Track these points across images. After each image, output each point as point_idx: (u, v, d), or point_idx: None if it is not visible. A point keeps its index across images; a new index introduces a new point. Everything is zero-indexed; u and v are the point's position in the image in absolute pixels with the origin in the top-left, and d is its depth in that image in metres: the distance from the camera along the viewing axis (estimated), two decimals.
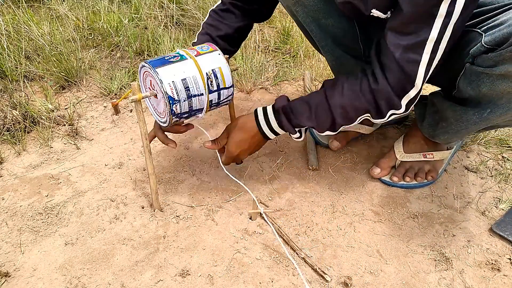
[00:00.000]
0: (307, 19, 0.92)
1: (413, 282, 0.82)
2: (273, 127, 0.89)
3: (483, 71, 0.74)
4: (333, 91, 0.83)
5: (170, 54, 0.83)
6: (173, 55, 0.82)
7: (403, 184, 1.02)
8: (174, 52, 0.84)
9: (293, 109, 0.86)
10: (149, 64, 0.79)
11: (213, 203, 0.97)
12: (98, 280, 0.80)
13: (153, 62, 0.80)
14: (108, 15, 1.63)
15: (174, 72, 0.78)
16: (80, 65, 1.38)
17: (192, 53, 0.82)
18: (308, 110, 0.85)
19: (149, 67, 0.79)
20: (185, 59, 0.81)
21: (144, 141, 0.85)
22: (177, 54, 0.82)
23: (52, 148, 1.12)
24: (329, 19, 0.90)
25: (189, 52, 0.83)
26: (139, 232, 0.90)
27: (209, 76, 0.81)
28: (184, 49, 0.85)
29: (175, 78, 0.78)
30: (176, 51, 0.84)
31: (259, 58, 1.44)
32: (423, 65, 0.73)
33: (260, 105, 1.29)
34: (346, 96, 0.81)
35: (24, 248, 0.86)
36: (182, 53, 0.83)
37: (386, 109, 0.80)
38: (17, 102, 1.20)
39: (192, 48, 0.85)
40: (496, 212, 0.96)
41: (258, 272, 0.82)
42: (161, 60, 0.80)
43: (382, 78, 0.77)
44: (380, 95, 0.78)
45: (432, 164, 1.03)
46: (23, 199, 0.97)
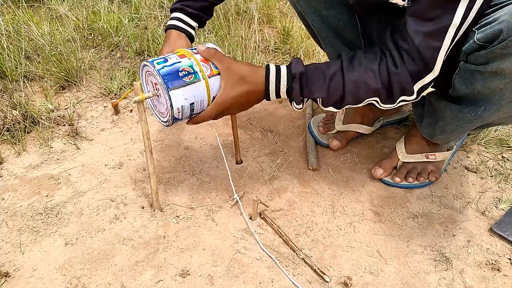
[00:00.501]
0: (308, 9, 0.92)
1: (413, 282, 0.82)
2: (280, 91, 0.83)
3: (476, 68, 0.75)
4: (351, 65, 0.79)
5: (183, 64, 0.79)
6: (187, 70, 0.79)
7: (403, 184, 1.02)
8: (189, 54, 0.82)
9: (308, 78, 0.81)
10: (160, 75, 0.77)
11: (213, 203, 0.97)
12: (98, 280, 0.80)
13: (165, 74, 0.77)
14: (108, 15, 1.63)
15: (186, 95, 0.78)
16: (80, 65, 1.38)
17: (206, 72, 0.81)
18: (323, 80, 0.80)
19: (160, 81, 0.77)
20: (198, 80, 0.79)
21: (146, 141, 0.85)
22: (191, 69, 0.79)
23: (52, 148, 1.12)
24: (331, 10, 0.90)
25: (203, 69, 0.80)
26: (139, 232, 0.90)
27: (215, 96, 0.83)
28: (199, 59, 0.81)
29: (185, 102, 0.79)
30: (190, 62, 0.80)
31: (259, 58, 1.44)
32: (443, 51, 0.72)
33: (260, 104, 1.30)
34: (362, 73, 0.78)
35: (24, 248, 0.86)
36: (197, 68, 0.80)
37: (398, 94, 0.79)
38: (17, 102, 1.20)
39: (206, 62, 0.82)
40: (496, 212, 0.96)
41: (258, 272, 0.82)
42: (173, 72, 0.78)
43: (400, 62, 0.76)
44: (396, 79, 0.77)
45: (435, 165, 1.03)
46: (23, 199, 0.97)
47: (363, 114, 1.13)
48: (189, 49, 0.85)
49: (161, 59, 0.80)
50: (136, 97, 0.78)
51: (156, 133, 1.17)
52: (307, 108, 1.26)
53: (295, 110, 1.04)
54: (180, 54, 0.82)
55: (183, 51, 0.83)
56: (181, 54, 0.82)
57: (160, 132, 1.17)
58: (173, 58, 0.81)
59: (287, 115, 1.27)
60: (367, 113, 1.14)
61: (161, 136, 1.16)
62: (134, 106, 1.28)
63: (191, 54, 0.82)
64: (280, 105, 1.31)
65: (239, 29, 1.57)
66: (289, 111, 1.28)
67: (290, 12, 1.76)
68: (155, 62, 0.79)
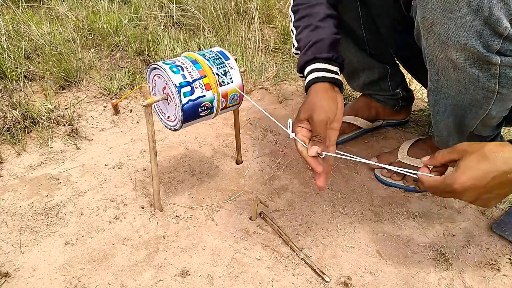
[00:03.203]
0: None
1: (413, 282, 0.82)
2: None
3: None
4: None
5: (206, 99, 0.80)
6: (207, 106, 0.81)
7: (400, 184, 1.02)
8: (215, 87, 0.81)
9: None
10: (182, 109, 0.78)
11: (213, 203, 0.97)
12: (98, 280, 0.80)
13: (187, 109, 0.78)
14: (108, 15, 1.63)
15: (195, 122, 0.85)
16: (80, 65, 1.38)
17: (221, 105, 0.84)
18: None
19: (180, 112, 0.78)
20: (211, 113, 0.84)
21: (151, 143, 0.85)
22: (210, 105, 0.82)
23: (52, 148, 1.12)
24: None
25: (220, 103, 0.83)
26: (139, 232, 0.90)
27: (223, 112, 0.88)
28: (221, 93, 0.82)
29: (193, 124, 0.85)
30: (213, 97, 0.81)
31: (259, 58, 1.44)
32: None
33: (261, 105, 1.30)
34: None
35: (24, 248, 0.86)
36: (215, 104, 0.82)
37: None
38: (17, 102, 1.20)
39: (226, 97, 0.83)
40: (496, 212, 0.96)
41: (258, 272, 0.82)
42: (194, 107, 0.79)
43: None
44: None
45: None
46: (23, 199, 0.97)
47: (357, 110, 1.14)
48: (214, 69, 0.82)
49: (187, 88, 0.78)
50: (145, 101, 0.78)
51: (156, 133, 1.16)
52: None
53: None
54: (207, 83, 0.80)
55: (209, 77, 0.81)
56: (207, 84, 0.80)
57: (160, 132, 1.17)
58: (199, 89, 0.79)
59: (287, 115, 1.27)
60: (362, 110, 1.14)
61: (161, 136, 1.16)
62: (134, 106, 1.28)
63: (216, 86, 0.81)
64: (280, 105, 1.31)
65: (239, 29, 1.57)
66: (289, 111, 1.28)
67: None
68: (182, 92, 0.78)
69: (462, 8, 0.60)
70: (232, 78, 0.84)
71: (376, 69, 1.05)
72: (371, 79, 1.07)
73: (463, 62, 0.66)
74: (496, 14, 0.58)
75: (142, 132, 1.18)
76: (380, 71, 1.05)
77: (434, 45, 0.69)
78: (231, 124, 1.20)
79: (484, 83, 0.68)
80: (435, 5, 0.63)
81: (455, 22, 0.62)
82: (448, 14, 0.62)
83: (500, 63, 0.64)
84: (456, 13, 0.61)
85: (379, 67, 1.05)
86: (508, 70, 0.66)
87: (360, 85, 1.11)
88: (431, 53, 0.72)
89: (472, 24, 0.61)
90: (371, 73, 1.06)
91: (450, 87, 0.75)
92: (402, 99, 1.12)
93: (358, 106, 1.15)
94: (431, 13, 0.64)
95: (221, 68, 0.83)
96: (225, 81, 0.82)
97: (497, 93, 0.70)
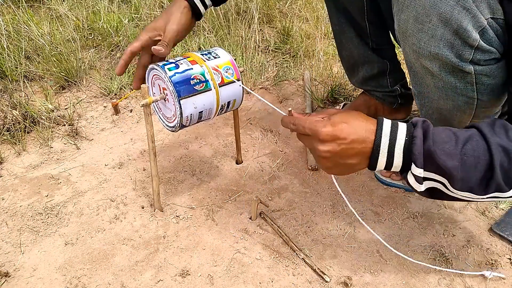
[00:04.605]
0: None
1: (413, 282, 0.82)
2: (396, 144, 0.57)
3: None
4: (492, 129, 0.56)
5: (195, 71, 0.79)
6: (199, 78, 0.79)
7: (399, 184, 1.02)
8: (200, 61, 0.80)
9: (434, 134, 0.57)
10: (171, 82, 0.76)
11: (213, 203, 0.97)
12: (98, 280, 0.80)
13: (177, 81, 0.76)
14: (108, 15, 1.63)
15: (196, 104, 0.79)
16: (80, 65, 1.38)
17: (217, 80, 0.81)
18: (454, 142, 0.55)
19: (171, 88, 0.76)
20: (209, 89, 0.80)
21: (150, 144, 0.85)
22: (202, 78, 0.79)
23: (52, 148, 1.12)
24: None
25: (214, 77, 0.81)
26: (139, 232, 0.90)
27: (223, 105, 0.85)
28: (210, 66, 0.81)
29: (194, 111, 0.80)
30: (202, 70, 0.80)
31: (259, 58, 1.44)
32: None
33: (261, 104, 1.30)
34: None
35: (24, 248, 0.86)
36: (208, 76, 0.80)
37: None
38: (17, 102, 1.20)
39: (217, 70, 0.82)
40: (496, 212, 0.96)
41: (258, 272, 0.82)
42: (185, 80, 0.77)
43: None
44: None
45: None
46: (23, 199, 0.97)
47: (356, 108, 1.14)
48: (198, 54, 0.83)
49: (171, 64, 0.79)
50: (143, 101, 0.78)
51: (156, 133, 1.17)
52: (307, 108, 1.26)
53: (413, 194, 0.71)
54: (191, 59, 0.81)
55: (193, 56, 0.82)
56: (192, 60, 0.81)
57: (160, 132, 1.17)
58: (184, 64, 0.79)
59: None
60: (361, 108, 1.14)
61: (161, 136, 1.16)
62: (134, 106, 1.28)
63: (202, 60, 0.81)
64: (280, 105, 1.31)
65: (239, 29, 1.57)
66: None
67: (290, 12, 1.76)
68: (166, 68, 0.77)
69: (432, 19, 0.61)
70: (217, 54, 0.84)
71: (376, 63, 1.05)
72: (371, 73, 1.07)
73: (438, 70, 0.67)
74: (465, 26, 0.59)
75: (142, 132, 1.18)
76: (380, 66, 1.05)
77: (409, 54, 0.70)
78: (231, 124, 1.20)
79: (462, 90, 0.69)
80: (408, 15, 0.65)
81: (426, 32, 0.63)
82: (420, 25, 0.63)
83: (474, 72, 0.65)
84: (426, 24, 0.62)
85: (379, 62, 1.05)
86: (484, 78, 0.66)
87: (359, 80, 1.11)
88: (408, 60, 0.74)
89: (443, 35, 0.62)
90: (370, 68, 1.06)
91: (432, 92, 0.76)
92: (401, 97, 1.12)
93: (357, 104, 1.15)
94: (405, 23, 0.66)
95: (206, 53, 0.84)
96: (210, 57, 0.83)
97: (477, 100, 0.70)
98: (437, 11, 0.60)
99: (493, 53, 0.63)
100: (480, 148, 0.54)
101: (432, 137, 0.56)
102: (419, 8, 0.62)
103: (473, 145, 0.55)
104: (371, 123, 0.59)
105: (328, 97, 1.31)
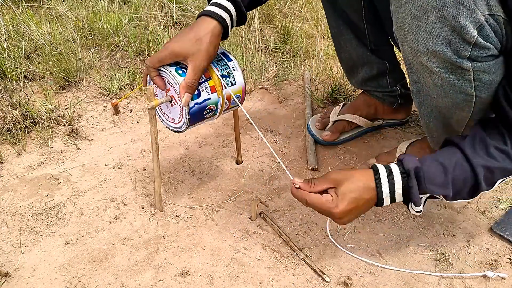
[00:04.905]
0: None
1: (413, 282, 0.82)
2: (396, 192, 0.68)
3: None
4: (474, 150, 0.67)
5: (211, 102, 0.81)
6: (212, 108, 0.82)
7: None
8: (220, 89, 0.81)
9: (426, 173, 0.67)
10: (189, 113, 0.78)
11: (213, 203, 0.97)
12: (98, 280, 0.80)
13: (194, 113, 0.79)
14: (108, 15, 1.63)
15: (200, 125, 0.87)
16: (80, 65, 1.38)
17: (225, 106, 0.84)
18: (444, 176, 0.67)
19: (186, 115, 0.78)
20: (215, 115, 0.84)
21: (154, 145, 0.84)
22: (214, 107, 0.82)
23: (52, 148, 1.12)
24: None
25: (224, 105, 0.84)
26: (139, 232, 0.90)
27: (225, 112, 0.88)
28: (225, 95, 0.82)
29: (200, 125, 0.87)
30: (218, 100, 0.82)
31: (259, 58, 1.44)
32: None
33: (261, 105, 1.30)
34: (495, 158, 0.66)
35: (24, 248, 0.86)
36: (219, 106, 0.83)
37: None
38: (17, 102, 1.20)
39: (229, 98, 0.83)
40: (496, 212, 0.96)
41: (258, 272, 0.82)
42: (200, 111, 0.80)
43: None
44: None
45: None
46: (23, 199, 0.97)
47: (356, 108, 1.14)
48: (219, 72, 0.82)
49: None
50: (150, 104, 0.78)
51: None
52: (307, 108, 1.26)
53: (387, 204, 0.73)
54: (212, 85, 0.81)
55: (214, 79, 0.81)
56: (212, 86, 0.81)
57: (160, 132, 1.17)
58: (205, 91, 0.80)
59: (287, 115, 1.27)
60: (361, 108, 1.14)
61: (161, 136, 1.16)
62: (134, 106, 1.28)
63: (221, 87, 0.81)
64: (280, 105, 1.31)
65: (239, 29, 1.57)
66: (289, 111, 1.28)
67: (290, 12, 1.76)
68: None
69: (430, 16, 0.62)
70: (235, 79, 0.84)
71: (375, 64, 1.05)
72: (370, 74, 1.07)
73: (436, 67, 0.68)
74: (462, 22, 0.60)
75: (142, 132, 1.18)
76: (379, 66, 1.05)
77: (408, 51, 0.71)
78: (231, 124, 1.20)
79: (461, 87, 0.69)
80: (406, 13, 0.65)
81: (424, 29, 0.64)
82: (418, 22, 0.64)
83: (472, 69, 0.66)
84: (424, 21, 0.63)
85: (378, 62, 1.05)
86: (482, 75, 0.67)
87: (359, 81, 1.11)
88: (406, 58, 0.74)
89: (441, 32, 0.62)
90: (370, 69, 1.06)
91: (430, 90, 0.76)
92: (401, 97, 1.12)
93: (357, 103, 1.15)
94: (403, 21, 0.66)
95: (225, 70, 0.82)
96: (229, 83, 0.83)
97: (475, 97, 0.71)
98: (435, 7, 0.60)
99: (491, 50, 0.64)
100: (466, 171, 0.67)
101: (424, 180, 0.66)
102: (417, 5, 0.62)
103: (459, 170, 0.67)
104: (369, 180, 0.68)
105: (328, 97, 1.31)
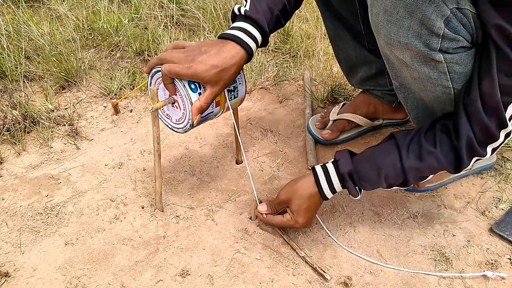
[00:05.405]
0: None
1: (413, 282, 0.82)
2: (335, 189, 0.81)
3: None
4: (408, 153, 0.74)
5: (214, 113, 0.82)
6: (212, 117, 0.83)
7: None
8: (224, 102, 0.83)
9: (360, 174, 0.78)
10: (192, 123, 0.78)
11: (213, 203, 0.97)
12: (98, 280, 0.80)
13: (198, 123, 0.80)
14: (108, 15, 1.63)
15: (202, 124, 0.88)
16: (80, 65, 1.38)
17: (224, 114, 0.86)
18: (376, 175, 0.77)
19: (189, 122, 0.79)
20: (218, 114, 0.85)
21: (156, 145, 0.84)
22: (213, 116, 0.83)
23: (52, 148, 1.12)
24: None
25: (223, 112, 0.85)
26: (139, 232, 0.90)
27: None
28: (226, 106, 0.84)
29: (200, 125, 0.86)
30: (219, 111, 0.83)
31: (259, 58, 1.44)
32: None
33: (261, 105, 1.30)
34: (424, 160, 0.73)
35: (24, 248, 0.86)
36: (219, 114, 0.84)
37: (468, 161, 0.72)
38: (17, 102, 1.20)
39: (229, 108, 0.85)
40: (496, 212, 0.96)
41: (258, 272, 0.82)
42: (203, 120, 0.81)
43: (467, 130, 0.69)
44: (463, 151, 0.71)
45: None
46: (23, 199, 0.97)
47: (356, 107, 1.15)
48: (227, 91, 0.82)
49: None
50: (154, 105, 0.78)
51: None
52: (307, 108, 1.26)
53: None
54: (218, 100, 0.81)
55: (221, 97, 0.81)
56: (218, 101, 0.81)
57: (160, 132, 1.17)
58: (211, 106, 0.80)
59: (287, 115, 1.27)
60: (361, 106, 1.14)
61: (161, 136, 1.16)
62: (134, 106, 1.28)
63: (225, 100, 0.82)
64: (280, 105, 1.31)
65: None
66: (289, 111, 1.28)
67: None
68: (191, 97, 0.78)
69: (399, 11, 0.64)
70: (238, 93, 0.85)
71: (374, 63, 1.05)
72: (369, 74, 1.07)
73: (410, 60, 0.69)
74: (429, 15, 0.62)
75: (142, 132, 1.18)
76: (377, 66, 1.06)
77: (383, 46, 0.73)
78: (231, 124, 1.20)
79: (437, 80, 0.71)
80: (378, 9, 0.68)
81: (395, 23, 0.66)
82: (389, 17, 0.66)
83: (445, 60, 0.67)
84: (394, 16, 0.65)
85: (376, 62, 1.05)
86: (456, 66, 0.68)
87: (358, 81, 1.11)
88: (384, 53, 0.76)
89: (410, 25, 0.64)
90: (368, 68, 1.06)
91: (410, 84, 0.78)
92: None
93: (357, 102, 1.15)
94: (376, 16, 0.69)
95: (232, 85, 0.83)
96: (232, 96, 0.84)
97: (453, 89, 0.72)
98: (403, 2, 0.63)
99: (460, 41, 0.65)
100: (398, 171, 0.75)
101: (358, 180, 0.78)
102: (387, 1, 0.65)
103: (392, 170, 0.76)
104: (312, 188, 0.81)
105: (328, 97, 1.31)
